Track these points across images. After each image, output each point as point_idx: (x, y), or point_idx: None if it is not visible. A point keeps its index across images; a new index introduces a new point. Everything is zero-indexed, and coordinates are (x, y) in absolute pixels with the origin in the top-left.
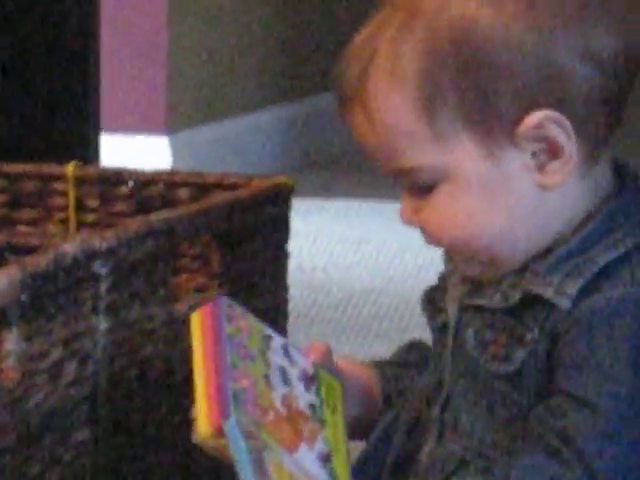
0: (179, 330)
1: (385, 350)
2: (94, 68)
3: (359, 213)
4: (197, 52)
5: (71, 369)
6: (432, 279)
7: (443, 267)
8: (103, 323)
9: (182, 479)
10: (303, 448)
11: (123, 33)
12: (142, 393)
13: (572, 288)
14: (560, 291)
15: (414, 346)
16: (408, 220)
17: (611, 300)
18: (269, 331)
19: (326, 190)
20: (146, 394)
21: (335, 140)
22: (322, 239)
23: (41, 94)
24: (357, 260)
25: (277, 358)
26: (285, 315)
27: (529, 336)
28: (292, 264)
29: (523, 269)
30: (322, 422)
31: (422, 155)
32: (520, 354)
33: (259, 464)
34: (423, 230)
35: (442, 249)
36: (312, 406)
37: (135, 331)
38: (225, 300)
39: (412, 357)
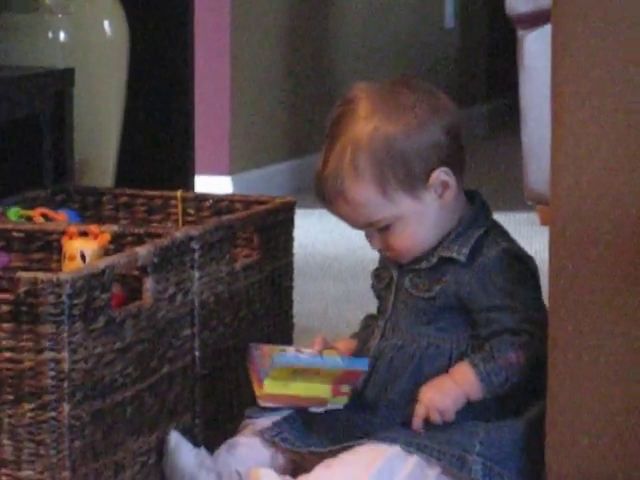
0: (236, 277)
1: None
2: (191, 121)
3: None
4: (253, 112)
5: (180, 298)
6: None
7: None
8: (196, 274)
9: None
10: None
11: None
12: (219, 315)
13: (465, 250)
14: (459, 252)
15: (370, 317)
16: (377, 246)
17: (491, 256)
18: (287, 347)
19: (316, 204)
20: (221, 316)
21: None
22: (313, 229)
23: (156, 141)
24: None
25: (291, 353)
26: (291, 270)
27: (443, 279)
28: (296, 244)
29: (433, 247)
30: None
31: (383, 212)
32: (436, 288)
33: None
34: (387, 249)
35: (387, 252)
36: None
37: (213, 278)
38: (252, 345)
39: (371, 321)
